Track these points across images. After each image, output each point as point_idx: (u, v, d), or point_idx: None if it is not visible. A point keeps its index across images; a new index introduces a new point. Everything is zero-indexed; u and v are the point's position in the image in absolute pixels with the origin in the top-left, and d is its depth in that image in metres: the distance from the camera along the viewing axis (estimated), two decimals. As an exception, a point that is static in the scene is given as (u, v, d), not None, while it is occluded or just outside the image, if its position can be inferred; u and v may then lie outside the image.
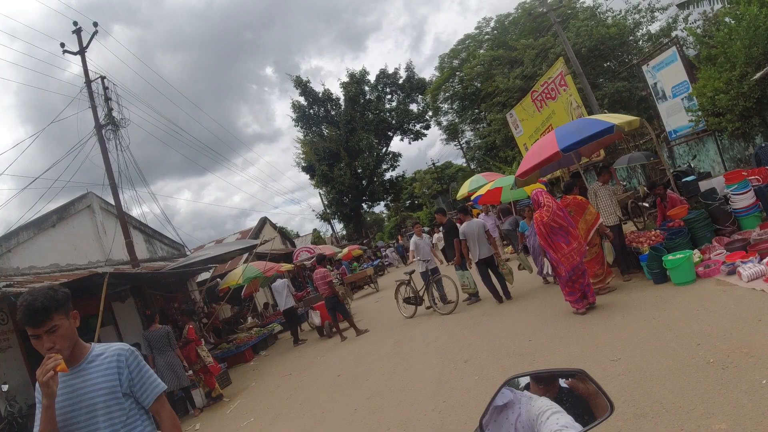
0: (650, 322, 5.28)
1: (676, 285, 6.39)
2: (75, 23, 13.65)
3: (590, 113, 16.41)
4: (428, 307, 9.72)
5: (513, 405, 1.39)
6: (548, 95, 17.87)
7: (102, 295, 7.71)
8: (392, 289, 18.62)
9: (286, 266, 16.22)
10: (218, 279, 18.51)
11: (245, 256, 24.89)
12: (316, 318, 11.37)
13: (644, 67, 13.66)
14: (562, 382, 1.40)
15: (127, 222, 14.75)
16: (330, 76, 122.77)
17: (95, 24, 13.66)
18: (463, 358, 6.06)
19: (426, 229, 48.66)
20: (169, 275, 13.82)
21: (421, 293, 9.70)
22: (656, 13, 29.48)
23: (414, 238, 9.99)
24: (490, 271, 8.61)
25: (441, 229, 15.00)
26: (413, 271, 10.03)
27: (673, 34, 25.51)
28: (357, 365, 7.82)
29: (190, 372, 8.80)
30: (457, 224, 9.33)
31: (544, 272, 8.47)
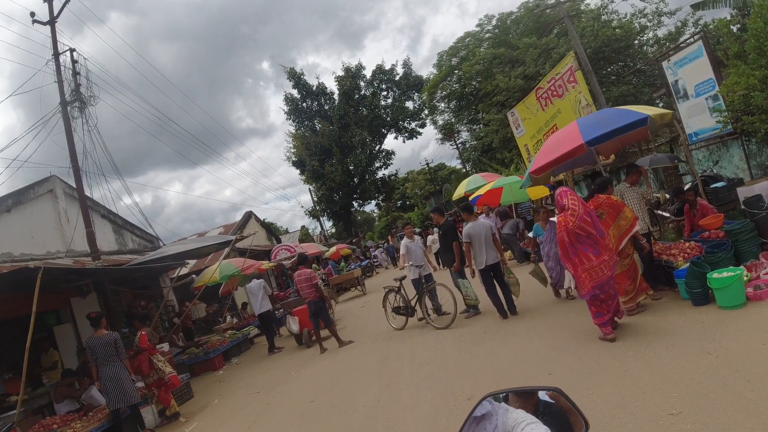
0: (705, 359, 4.15)
1: (721, 308, 5.28)
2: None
3: (599, 113, 15.36)
4: (420, 319, 8.55)
5: (490, 416, 1.36)
6: (555, 92, 16.78)
7: (35, 293, 6.45)
8: (380, 293, 17.56)
9: (267, 264, 14.99)
10: (193, 275, 17.26)
11: (226, 251, 23.71)
12: (294, 325, 10.17)
13: (664, 63, 12.57)
14: (542, 395, 1.39)
15: (90, 209, 13.48)
16: (326, 73, 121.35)
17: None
18: (465, 393, 4.87)
19: (417, 230, 47.50)
20: (137, 270, 12.58)
21: (412, 303, 8.52)
22: (663, 18, 28.61)
23: (405, 241, 8.83)
24: (495, 280, 7.47)
25: (437, 230, 13.78)
26: (404, 278, 8.86)
27: (687, 33, 24.65)
28: (334, 387, 6.64)
29: (142, 385, 7.57)
30: (457, 225, 8.17)
31: (566, 286, 7.31)
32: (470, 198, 17.07)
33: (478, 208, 14.36)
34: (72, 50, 13.00)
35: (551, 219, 7.44)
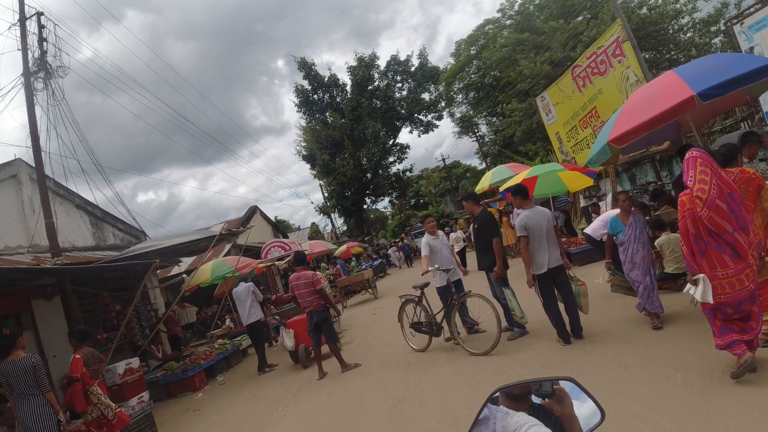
0: None
1: None
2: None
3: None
4: (449, 339, 6.51)
5: (487, 421, 1.29)
6: (596, 70, 14.63)
7: None
8: (393, 297, 15.67)
9: (264, 263, 13.06)
10: (185, 275, 15.46)
11: (226, 248, 21.85)
12: (288, 339, 8.20)
13: (736, 28, 10.42)
14: (536, 400, 1.31)
15: (62, 197, 11.74)
16: (341, 72, 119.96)
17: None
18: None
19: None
20: (109, 269, 10.79)
21: (438, 318, 6.49)
22: (699, 2, 26.26)
23: (426, 238, 6.81)
24: (556, 290, 5.46)
25: (454, 229, 11.93)
26: (426, 285, 6.85)
27: (722, 21, 22.51)
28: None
29: (73, 426, 5.68)
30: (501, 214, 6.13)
31: (662, 312, 5.22)
32: (501, 189, 15.03)
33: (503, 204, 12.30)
34: (40, 14, 11.24)
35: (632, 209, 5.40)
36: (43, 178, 9.85)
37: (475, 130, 37.31)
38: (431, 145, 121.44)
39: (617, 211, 7.20)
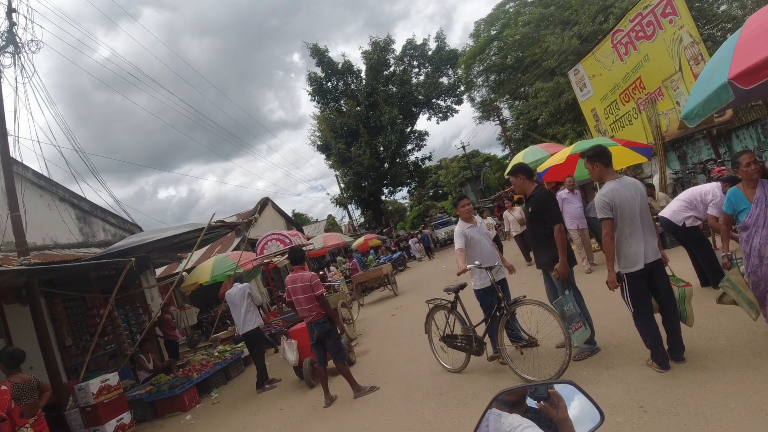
0: None
1: None
2: None
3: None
4: (493, 359, 4.94)
5: (479, 425, 1.27)
6: (641, 34, 12.84)
7: None
8: (415, 294, 13.82)
9: (261, 260, 11.61)
10: (184, 273, 14.15)
11: (235, 242, 20.52)
12: (290, 353, 6.74)
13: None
14: (531, 403, 1.30)
15: (43, 189, 10.49)
16: (355, 60, 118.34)
17: None
18: None
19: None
20: (93, 267, 9.50)
21: (479, 331, 4.94)
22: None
23: (461, 226, 5.22)
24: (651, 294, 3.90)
25: (521, 206, 10.54)
26: (463, 287, 5.31)
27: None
28: None
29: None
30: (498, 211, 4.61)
31: None
32: (538, 171, 13.41)
33: (548, 184, 10.69)
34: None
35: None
36: (9, 165, 8.53)
37: (499, 114, 35.43)
38: (449, 135, 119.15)
39: (708, 186, 5.58)
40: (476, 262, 4.74)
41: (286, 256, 9.83)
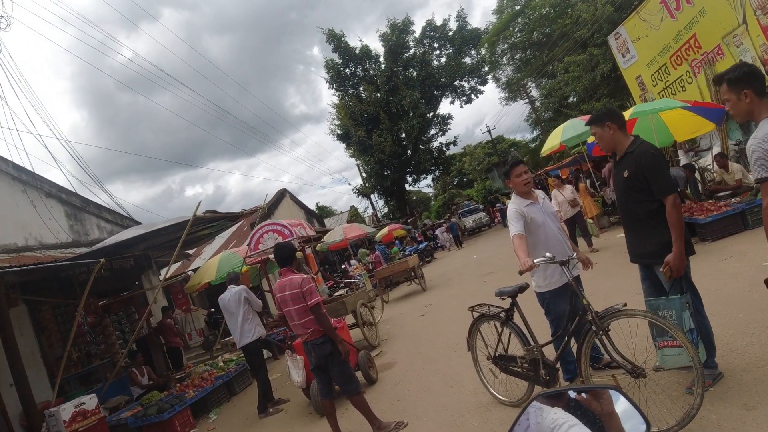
0: None
1: None
2: None
3: None
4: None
5: (519, 419, 1.18)
6: (700, -19, 11.08)
7: None
8: (446, 289, 12.14)
9: (255, 256, 10.29)
10: (189, 272, 13.03)
11: (249, 239, 19.33)
12: (295, 372, 5.37)
13: None
14: (572, 395, 1.19)
15: (26, 185, 9.41)
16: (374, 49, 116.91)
17: None
18: None
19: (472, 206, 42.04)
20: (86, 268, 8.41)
21: (549, 353, 3.47)
22: None
23: (517, 203, 3.70)
24: None
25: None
26: (523, 289, 3.62)
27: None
28: None
29: None
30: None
31: None
32: (582, 146, 11.81)
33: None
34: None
35: None
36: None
37: (527, 92, 33.52)
38: (471, 123, 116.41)
39: None
40: (547, 255, 3.21)
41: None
